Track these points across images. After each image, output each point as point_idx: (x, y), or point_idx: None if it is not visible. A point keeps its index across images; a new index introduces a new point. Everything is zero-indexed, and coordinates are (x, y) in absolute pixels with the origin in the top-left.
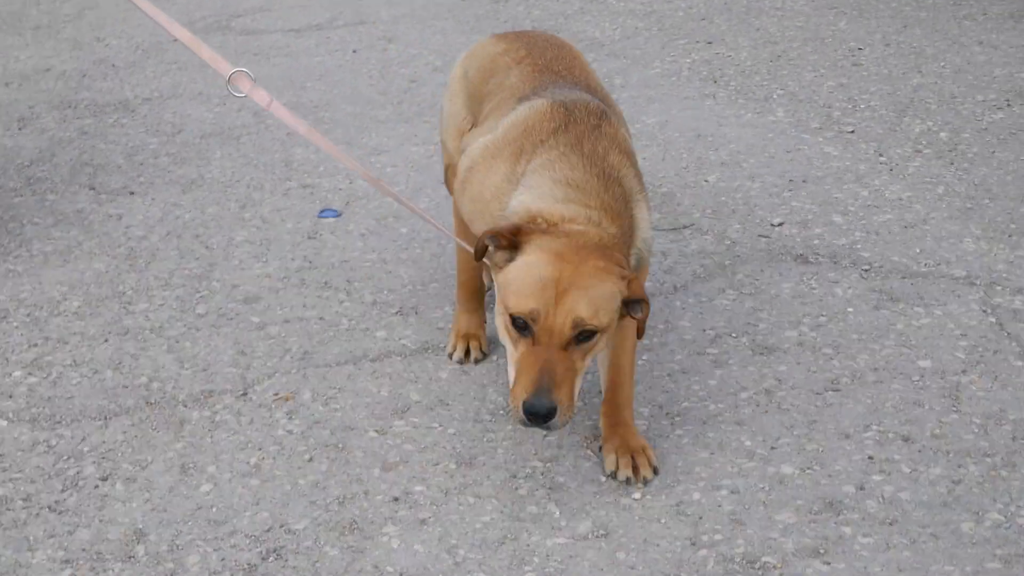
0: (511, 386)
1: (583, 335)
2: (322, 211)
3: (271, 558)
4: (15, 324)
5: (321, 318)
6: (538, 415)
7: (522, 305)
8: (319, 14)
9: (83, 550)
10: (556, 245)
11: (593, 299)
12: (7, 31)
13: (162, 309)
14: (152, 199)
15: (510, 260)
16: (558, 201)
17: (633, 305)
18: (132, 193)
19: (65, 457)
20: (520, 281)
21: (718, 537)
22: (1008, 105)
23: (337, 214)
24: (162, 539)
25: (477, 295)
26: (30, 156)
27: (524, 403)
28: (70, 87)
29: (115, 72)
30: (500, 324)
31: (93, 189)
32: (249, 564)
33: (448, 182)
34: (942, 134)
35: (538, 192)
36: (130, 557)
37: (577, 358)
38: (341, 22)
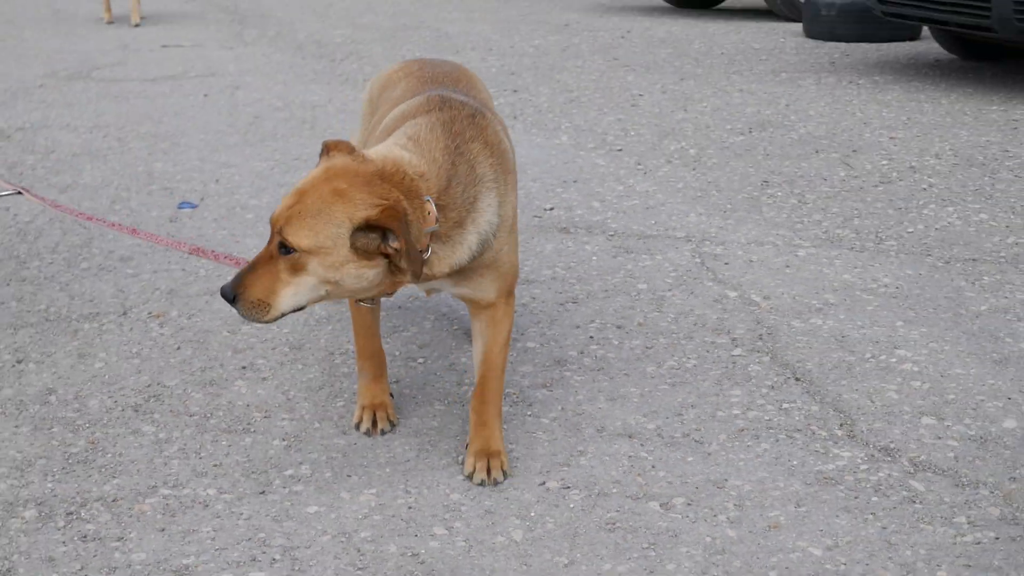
0: None
1: (283, 247)
2: (181, 203)
3: (152, 400)
4: None
5: (183, 269)
6: (222, 294)
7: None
8: (172, 67)
9: (9, 399)
10: (335, 164)
11: (302, 214)
12: None
13: (51, 266)
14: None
15: None
16: (395, 148)
17: (387, 235)
18: (18, 193)
19: None
20: None
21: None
22: (750, 132)
23: (194, 206)
24: (68, 392)
25: (376, 360)
26: None
27: None
28: None
29: None
30: None
31: None
32: (136, 404)
33: None
34: (691, 151)
35: (386, 143)
36: (45, 403)
37: (283, 268)
38: (193, 74)
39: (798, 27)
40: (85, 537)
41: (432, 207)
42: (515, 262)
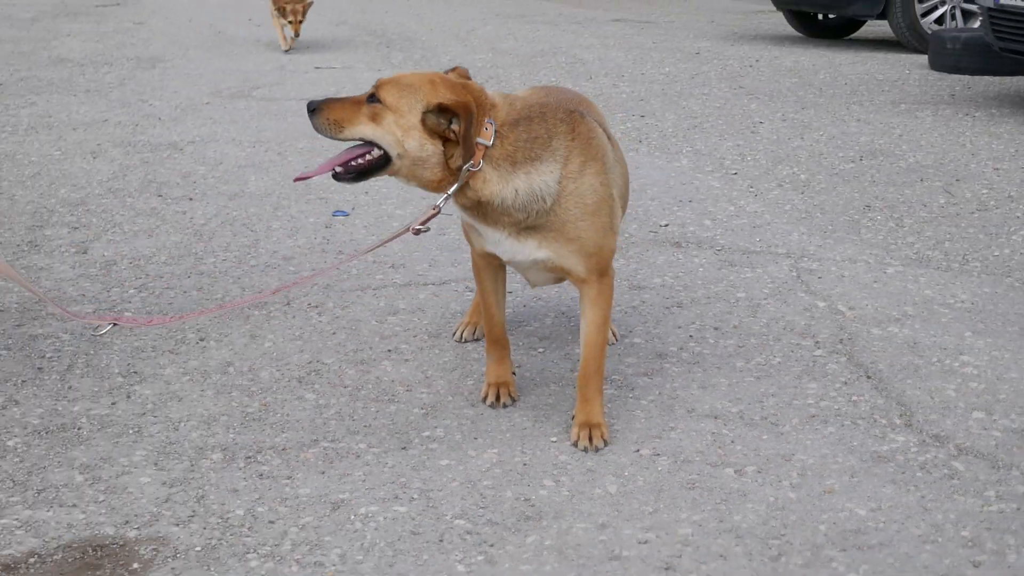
0: None
1: (373, 97)
2: (335, 212)
3: (313, 374)
4: (123, 267)
5: (338, 269)
6: (308, 105)
7: None
8: (325, 88)
9: (195, 369)
10: (444, 73)
11: (399, 82)
12: (63, 93)
13: (225, 262)
14: (207, 203)
15: None
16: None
17: (452, 120)
18: (191, 199)
19: (177, 332)
20: None
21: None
22: (860, 159)
23: (347, 214)
24: (243, 366)
25: (501, 344)
26: (106, 175)
27: None
28: (127, 132)
29: (161, 123)
30: None
31: (160, 196)
32: (299, 376)
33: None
34: (802, 176)
35: None
36: (225, 373)
37: (364, 111)
38: (345, 93)
39: (924, 59)
40: (261, 475)
41: (491, 127)
42: (601, 243)
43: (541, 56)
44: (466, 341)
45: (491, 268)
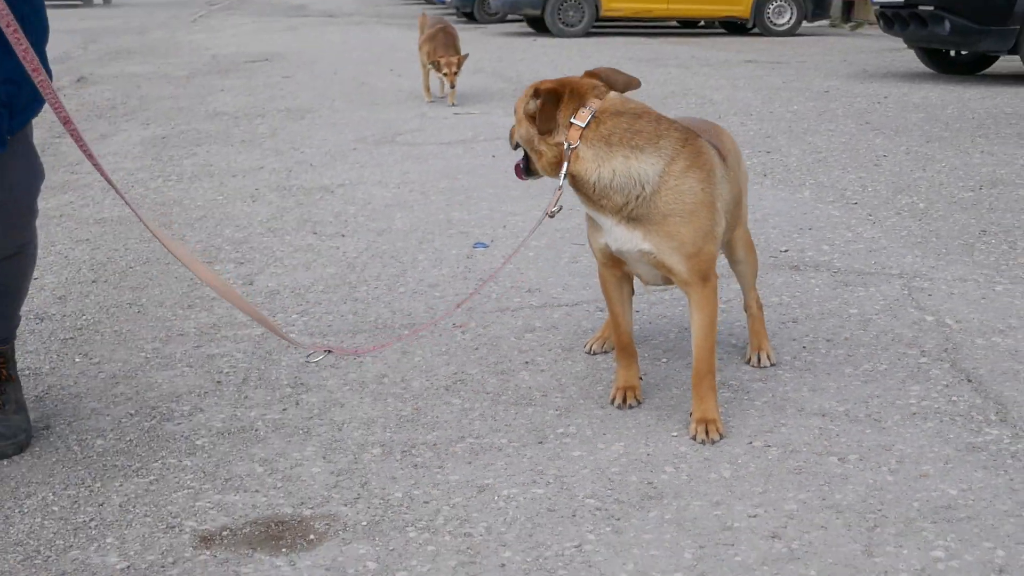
0: None
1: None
2: (475, 244)
3: (458, 383)
4: (286, 296)
5: (479, 293)
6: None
7: None
8: (463, 133)
9: (354, 380)
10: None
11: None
12: (221, 143)
13: (376, 289)
14: (358, 239)
15: None
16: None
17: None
18: (343, 235)
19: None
20: None
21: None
22: (980, 188)
23: (486, 246)
24: (396, 377)
25: (629, 352)
26: (266, 216)
27: None
28: (281, 177)
29: (312, 168)
30: None
31: (315, 234)
32: (446, 385)
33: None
34: (921, 204)
35: None
36: (380, 383)
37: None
38: (482, 138)
39: None
40: (416, 465)
41: (587, 112)
42: (700, 246)
43: (671, 97)
44: (596, 354)
45: (616, 279)
